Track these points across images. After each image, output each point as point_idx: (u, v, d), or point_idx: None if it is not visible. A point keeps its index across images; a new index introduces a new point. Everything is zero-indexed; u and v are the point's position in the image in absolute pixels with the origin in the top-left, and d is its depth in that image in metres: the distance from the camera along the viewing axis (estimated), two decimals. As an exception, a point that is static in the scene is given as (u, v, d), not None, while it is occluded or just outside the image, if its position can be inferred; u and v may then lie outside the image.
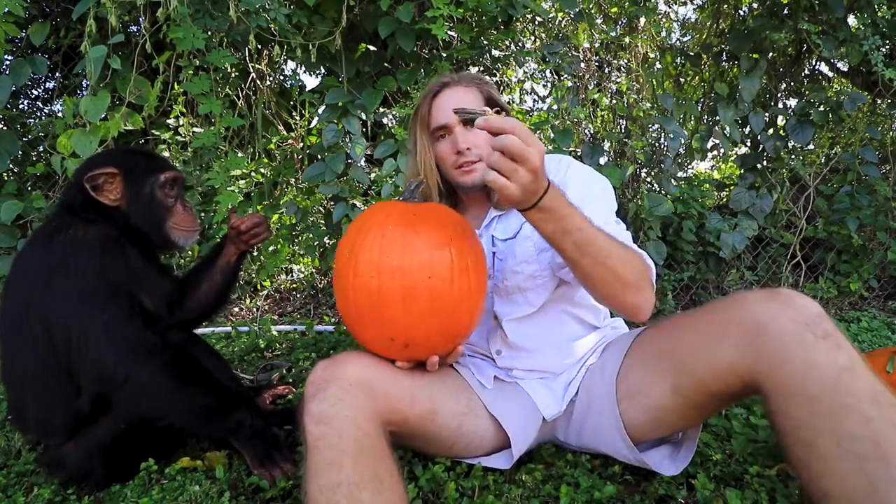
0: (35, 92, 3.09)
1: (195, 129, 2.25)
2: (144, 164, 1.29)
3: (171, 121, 2.28)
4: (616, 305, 0.98)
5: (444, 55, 2.21)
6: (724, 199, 2.97)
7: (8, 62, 1.84)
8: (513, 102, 3.16)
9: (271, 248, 2.69)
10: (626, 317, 1.02)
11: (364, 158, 2.26)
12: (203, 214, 2.44)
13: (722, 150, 3.01)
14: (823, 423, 0.76)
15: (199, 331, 1.63)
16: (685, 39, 3.38)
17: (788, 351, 0.81)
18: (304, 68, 2.60)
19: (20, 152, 2.25)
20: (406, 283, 0.91)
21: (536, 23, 2.95)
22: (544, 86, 3.22)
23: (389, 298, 0.91)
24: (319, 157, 2.13)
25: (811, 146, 2.94)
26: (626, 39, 3.03)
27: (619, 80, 3.20)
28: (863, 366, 0.79)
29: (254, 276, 2.73)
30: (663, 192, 2.61)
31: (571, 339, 1.19)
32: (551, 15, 2.77)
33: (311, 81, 3.56)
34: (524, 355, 1.18)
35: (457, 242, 0.96)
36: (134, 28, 2.35)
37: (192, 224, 1.32)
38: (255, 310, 2.93)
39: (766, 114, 2.54)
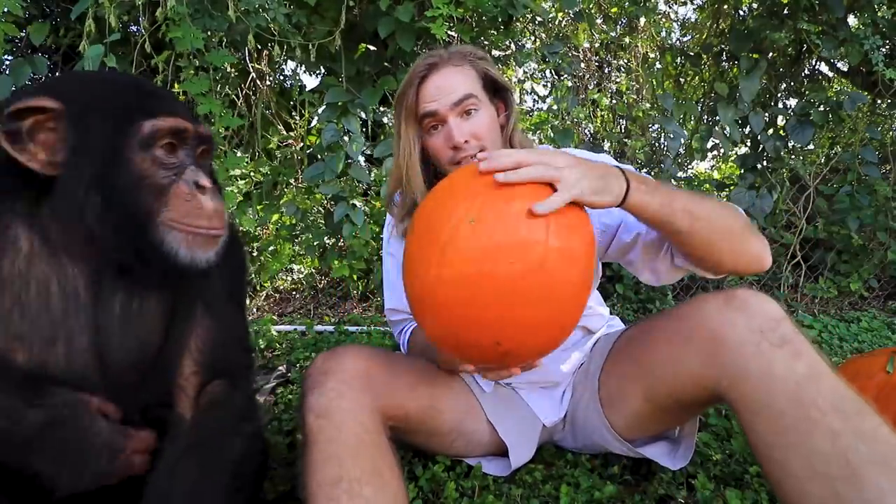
0: (35, 92, 3.09)
1: (195, 129, 2.24)
2: (117, 98, 0.73)
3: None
4: (743, 264, 0.92)
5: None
6: (725, 199, 2.97)
7: (8, 62, 1.84)
8: (513, 102, 3.16)
9: (271, 248, 2.69)
10: (754, 273, 0.92)
11: (364, 158, 2.26)
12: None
13: (722, 150, 3.01)
14: (792, 441, 0.73)
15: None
16: (685, 39, 3.38)
17: (747, 364, 0.78)
18: (304, 68, 2.60)
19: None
20: (552, 279, 0.72)
21: (536, 23, 2.95)
22: (544, 86, 3.22)
23: (526, 294, 0.72)
24: (319, 156, 2.13)
25: (811, 146, 2.94)
26: (626, 39, 3.03)
27: (619, 80, 3.20)
28: (826, 371, 0.75)
29: (253, 276, 2.73)
30: (663, 192, 2.61)
31: (573, 347, 1.16)
32: (551, 15, 2.77)
33: (311, 81, 3.56)
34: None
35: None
36: (133, 28, 2.35)
37: (206, 221, 0.74)
38: (255, 310, 2.93)
39: (766, 114, 2.53)
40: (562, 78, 2.77)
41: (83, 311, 0.77)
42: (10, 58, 1.98)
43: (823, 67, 2.98)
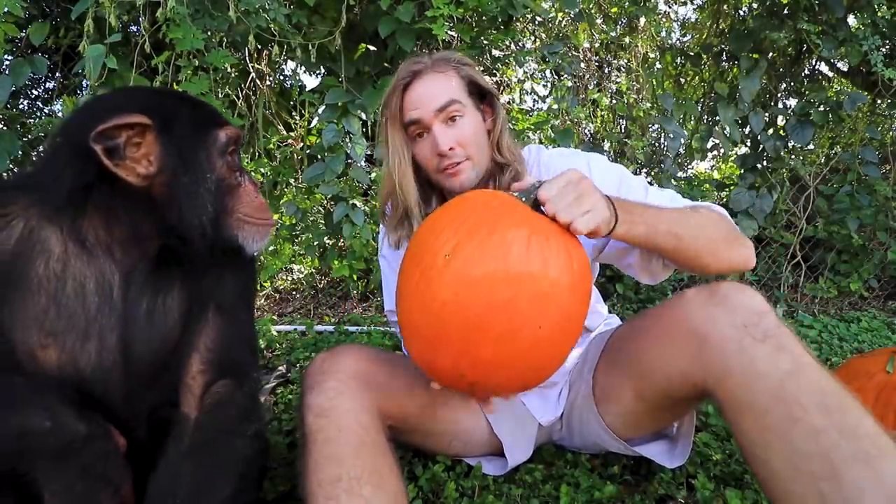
0: (35, 92, 3.10)
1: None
2: (188, 111, 0.82)
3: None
4: (726, 268, 0.96)
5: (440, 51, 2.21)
6: (724, 199, 2.97)
7: (8, 62, 1.84)
8: (513, 102, 3.16)
9: (271, 247, 2.69)
10: (739, 273, 0.99)
11: (364, 158, 2.26)
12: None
13: (722, 150, 3.01)
14: (774, 439, 0.72)
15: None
16: (685, 39, 3.38)
17: (730, 361, 0.77)
18: (304, 68, 2.60)
19: (20, 152, 2.25)
20: (517, 320, 0.71)
21: (536, 23, 2.95)
22: (544, 86, 3.22)
23: (488, 331, 0.71)
24: (319, 157, 2.13)
25: (811, 146, 2.94)
26: (626, 39, 3.03)
27: (619, 80, 3.20)
28: (811, 366, 0.74)
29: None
30: (663, 192, 2.61)
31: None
32: (551, 15, 2.77)
33: (311, 81, 3.56)
34: None
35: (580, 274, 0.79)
36: (133, 28, 2.35)
37: (266, 214, 0.87)
38: (255, 310, 2.93)
39: (766, 114, 2.54)
40: (562, 78, 2.77)
41: (115, 309, 0.81)
42: (10, 58, 1.98)
43: (823, 67, 2.98)
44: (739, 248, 0.96)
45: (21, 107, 3.01)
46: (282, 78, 2.86)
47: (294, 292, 3.18)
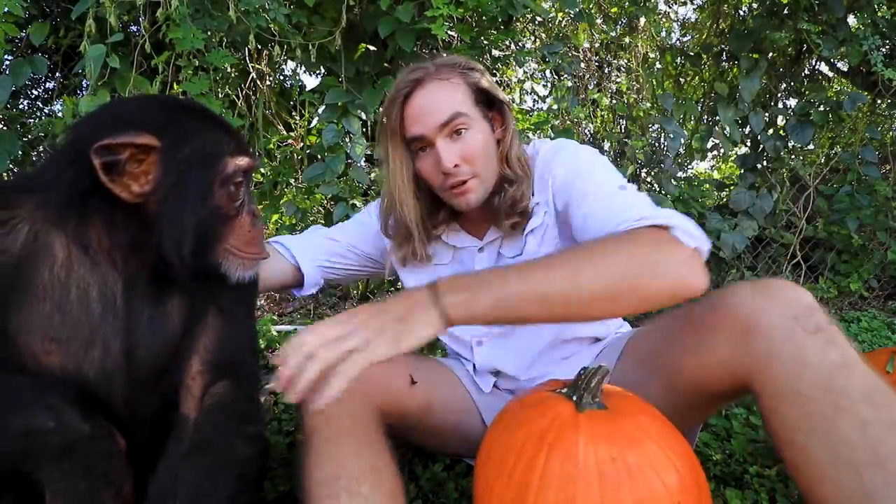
0: (35, 92, 3.09)
1: (195, 129, 2.24)
2: (202, 135, 0.80)
3: (170, 121, 2.28)
4: (660, 302, 0.83)
5: (444, 55, 2.22)
6: (724, 199, 2.97)
7: (8, 62, 1.84)
8: (513, 102, 3.16)
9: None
10: (682, 300, 0.83)
11: (364, 158, 2.26)
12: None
13: (722, 150, 3.02)
14: (816, 426, 0.72)
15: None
16: (685, 39, 3.38)
17: (778, 349, 0.77)
18: (304, 68, 2.60)
19: (20, 152, 2.25)
20: None
21: (536, 23, 2.95)
22: (544, 86, 3.23)
23: None
24: (319, 157, 2.13)
25: (811, 146, 2.95)
26: (626, 39, 3.04)
27: (619, 80, 3.20)
28: (858, 362, 0.74)
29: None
30: (663, 192, 2.61)
31: (577, 356, 1.13)
32: (551, 15, 2.77)
33: (311, 81, 3.56)
34: (524, 383, 1.13)
35: None
36: (134, 28, 2.35)
37: (257, 248, 0.86)
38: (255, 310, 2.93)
39: (766, 114, 2.54)
40: (562, 78, 2.77)
41: (118, 316, 0.81)
42: (10, 58, 1.98)
43: (823, 67, 2.99)
44: (670, 267, 0.81)
45: (21, 107, 3.01)
46: (282, 78, 2.86)
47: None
